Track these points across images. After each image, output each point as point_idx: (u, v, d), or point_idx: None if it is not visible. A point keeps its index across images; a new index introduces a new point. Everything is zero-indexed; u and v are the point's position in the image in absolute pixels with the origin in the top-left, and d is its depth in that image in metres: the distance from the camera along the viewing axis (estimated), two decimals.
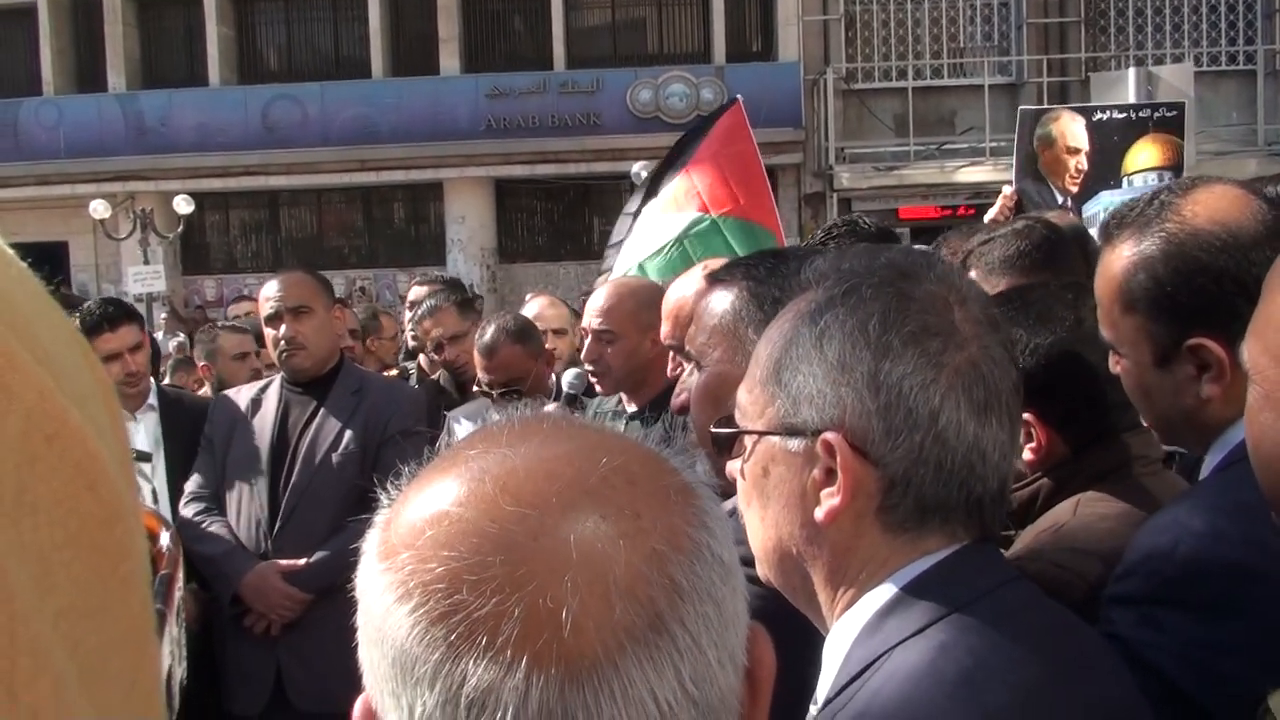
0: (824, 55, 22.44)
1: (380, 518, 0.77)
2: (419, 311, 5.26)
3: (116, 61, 23.05)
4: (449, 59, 22.88)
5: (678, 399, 2.17)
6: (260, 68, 24.09)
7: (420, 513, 0.73)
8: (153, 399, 4.64)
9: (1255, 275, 1.55)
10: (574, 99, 22.27)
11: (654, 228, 5.43)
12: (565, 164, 22.58)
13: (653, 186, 5.68)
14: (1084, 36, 22.37)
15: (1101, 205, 4.81)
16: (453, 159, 22.36)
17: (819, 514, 1.24)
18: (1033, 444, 1.98)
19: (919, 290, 1.27)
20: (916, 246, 2.97)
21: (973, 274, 2.79)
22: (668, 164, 5.78)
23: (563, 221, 24.49)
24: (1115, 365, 1.82)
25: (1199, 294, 1.65)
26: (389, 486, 0.79)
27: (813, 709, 1.28)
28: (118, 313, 4.66)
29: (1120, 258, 1.76)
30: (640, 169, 19.55)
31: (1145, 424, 1.91)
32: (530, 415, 0.81)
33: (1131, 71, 6.76)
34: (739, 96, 6.09)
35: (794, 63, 21.84)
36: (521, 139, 22.22)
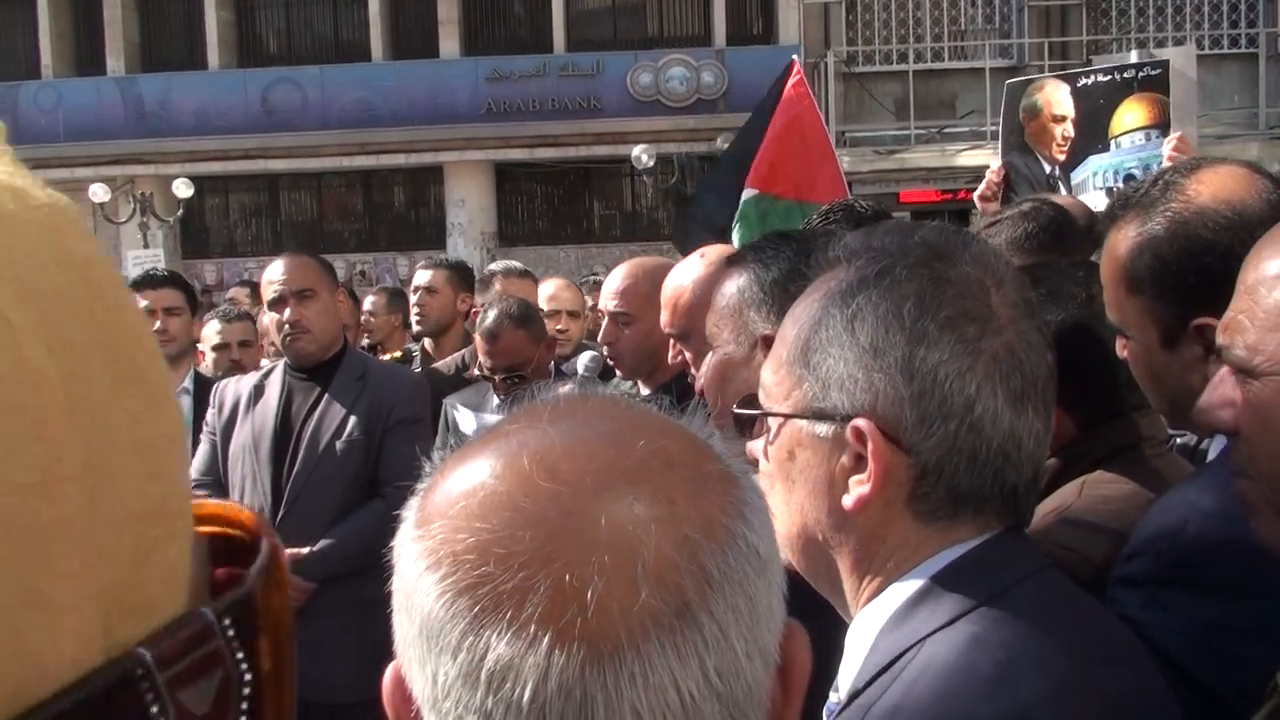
0: (824, 38, 22.38)
1: (421, 485, 0.77)
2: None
3: (115, 45, 22.99)
4: (449, 42, 22.82)
5: (697, 385, 2.18)
6: (260, 51, 24.01)
7: (457, 483, 0.73)
8: (187, 382, 4.67)
9: None
10: (574, 82, 22.22)
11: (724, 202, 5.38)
12: (565, 148, 22.55)
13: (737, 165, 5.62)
14: (1085, 19, 22.29)
15: (1090, 170, 4.75)
16: (453, 142, 22.32)
17: (847, 501, 1.21)
18: None
19: (955, 272, 1.23)
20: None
21: None
22: (746, 140, 5.70)
23: (563, 205, 24.46)
24: (1122, 349, 1.81)
25: (1205, 273, 1.64)
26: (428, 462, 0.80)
27: (833, 695, 1.26)
28: (164, 277, 5.27)
29: (1125, 239, 1.75)
30: (641, 152, 19.57)
31: (1153, 406, 1.90)
32: (576, 393, 0.80)
33: (1133, 54, 6.69)
34: (794, 57, 6.01)
35: (794, 46, 21.70)
36: (521, 122, 22.17)
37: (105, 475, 0.40)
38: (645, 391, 3.49)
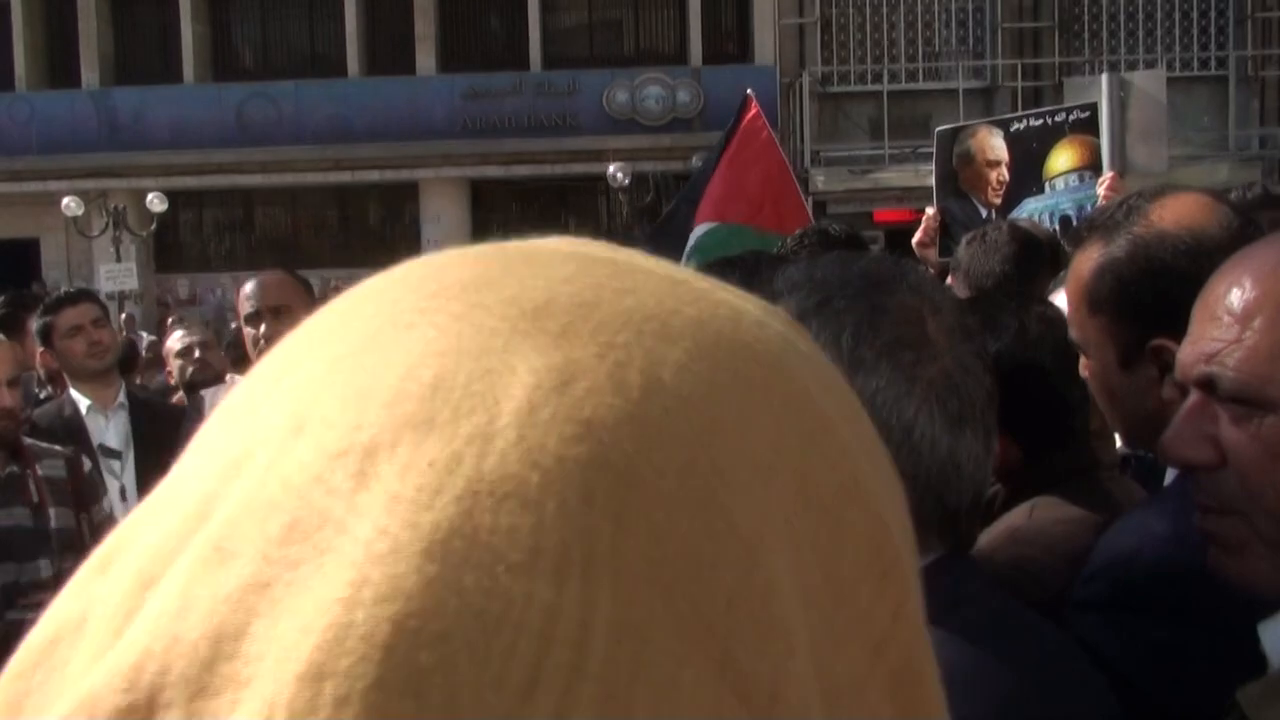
0: (800, 58, 22.50)
1: None
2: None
3: (90, 57, 22.89)
4: (425, 58, 22.83)
5: None
6: (235, 65, 23.97)
7: None
8: (122, 397, 4.66)
9: None
10: (550, 100, 22.26)
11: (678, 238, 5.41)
12: (541, 165, 22.56)
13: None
14: (1057, 41, 22.50)
15: (1026, 212, 4.86)
16: (428, 159, 22.30)
17: None
18: None
19: (892, 301, 1.25)
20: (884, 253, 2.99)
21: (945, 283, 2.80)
22: (703, 176, 5.75)
23: (538, 222, 24.44)
24: (1084, 369, 1.83)
25: (1162, 296, 1.66)
26: None
27: None
28: (77, 293, 5.03)
29: (1089, 260, 1.78)
30: (616, 170, 19.61)
31: (1111, 427, 1.92)
32: None
33: (1104, 77, 6.79)
34: (750, 91, 6.05)
35: (770, 65, 21.88)
36: (497, 139, 22.19)
37: None
38: None
